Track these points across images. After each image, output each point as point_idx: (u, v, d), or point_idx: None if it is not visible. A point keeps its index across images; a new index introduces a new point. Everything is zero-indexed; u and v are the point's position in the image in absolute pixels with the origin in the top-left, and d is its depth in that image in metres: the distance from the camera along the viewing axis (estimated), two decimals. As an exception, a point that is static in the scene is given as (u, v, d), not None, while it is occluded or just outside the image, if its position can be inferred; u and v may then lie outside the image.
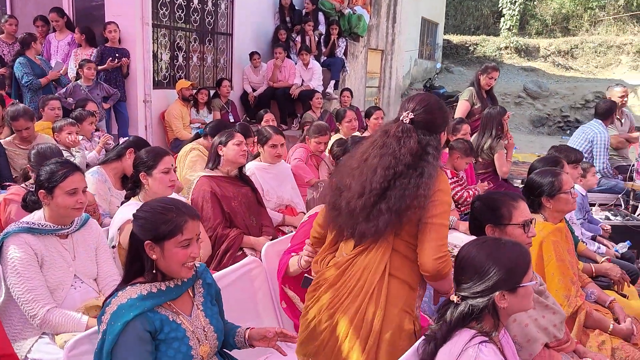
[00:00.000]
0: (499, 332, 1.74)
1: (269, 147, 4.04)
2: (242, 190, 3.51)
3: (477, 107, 5.84)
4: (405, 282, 2.03)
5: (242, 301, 2.65)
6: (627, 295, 3.27)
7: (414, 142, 1.97)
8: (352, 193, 2.00)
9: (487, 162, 5.18)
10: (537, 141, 13.11)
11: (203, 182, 3.36)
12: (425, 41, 18.53)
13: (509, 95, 16.12)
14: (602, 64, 19.01)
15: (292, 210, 4.17)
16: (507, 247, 1.80)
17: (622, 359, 2.53)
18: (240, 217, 3.41)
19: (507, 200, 2.22)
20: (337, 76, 9.29)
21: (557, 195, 2.71)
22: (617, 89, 6.31)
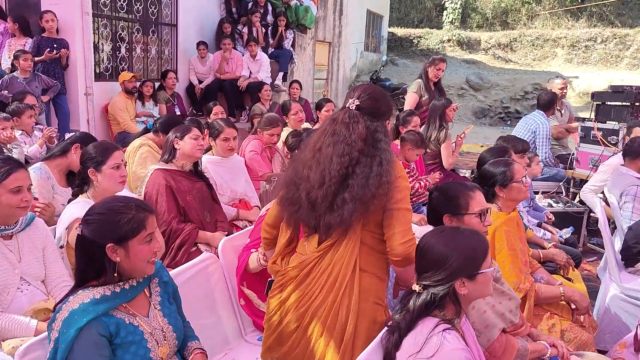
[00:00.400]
0: (460, 319, 1.78)
1: (221, 141, 3.97)
2: (196, 185, 3.43)
3: (425, 98, 5.94)
4: (375, 275, 2.05)
5: (199, 298, 2.59)
6: (572, 279, 3.41)
7: (362, 127, 1.99)
8: (312, 183, 1.99)
9: (435, 153, 5.28)
10: (480, 132, 13.51)
11: (157, 175, 3.27)
12: (371, 34, 18.71)
13: (452, 87, 16.51)
14: (540, 57, 19.76)
15: (246, 204, 4.12)
16: (465, 235, 1.84)
17: (570, 339, 2.64)
18: (195, 212, 3.34)
19: (464, 190, 2.27)
20: (285, 68, 9.25)
21: (509, 185, 2.78)
22: (557, 81, 6.57)
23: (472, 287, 1.77)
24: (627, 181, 4.08)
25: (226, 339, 2.71)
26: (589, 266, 4.99)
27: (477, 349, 1.82)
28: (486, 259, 1.81)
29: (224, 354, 2.62)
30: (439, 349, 1.61)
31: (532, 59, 19.78)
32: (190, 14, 8.77)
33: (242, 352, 2.67)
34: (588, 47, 19.28)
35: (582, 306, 2.77)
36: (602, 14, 21.20)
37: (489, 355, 2.05)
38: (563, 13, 21.33)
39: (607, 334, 3.48)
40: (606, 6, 20.96)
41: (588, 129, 5.57)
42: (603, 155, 5.19)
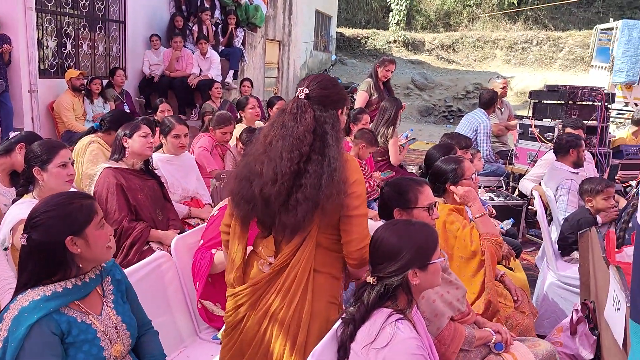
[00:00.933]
0: (412, 309, 1.81)
1: (172, 138, 3.88)
2: (148, 183, 3.34)
3: (375, 97, 6.02)
4: (329, 274, 2.03)
5: (152, 297, 2.53)
6: (514, 269, 3.53)
7: (309, 117, 1.91)
8: (265, 179, 1.90)
9: (383, 150, 5.34)
10: (425, 130, 13.79)
11: (107, 173, 3.16)
12: (320, 33, 18.76)
13: (399, 86, 16.78)
14: (480, 58, 20.35)
15: (197, 202, 4.05)
16: (417, 228, 1.88)
17: (513, 326, 2.74)
18: (147, 211, 3.26)
19: (413, 185, 2.31)
20: (236, 66, 9.14)
21: (460, 182, 2.84)
22: (498, 81, 6.78)
23: (424, 277, 1.80)
24: (561, 175, 4.26)
25: (181, 337, 2.65)
26: (528, 256, 5.18)
27: (427, 338, 1.86)
28: (436, 249, 1.85)
29: (179, 352, 2.57)
30: (392, 338, 1.63)
31: (473, 60, 20.34)
32: (138, 10, 8.53)
33: (197, 350, 2.63)
34: (525, 48, 20.00)
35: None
36: (537, 18, 22.02)
37: (439, 343, 2.09)
38: (501, 16, 22.03)
39: (545, 320, 3.63)
40: (541, 10, 21.79)
41: (526, 126, 5.78)
42: (540, 151, 5.39)
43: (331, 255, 2.04)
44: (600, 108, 5.38)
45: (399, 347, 1.62)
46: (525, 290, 3.24)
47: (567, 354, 2.95)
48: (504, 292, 2.94)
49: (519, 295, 2.99)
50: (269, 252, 2.03)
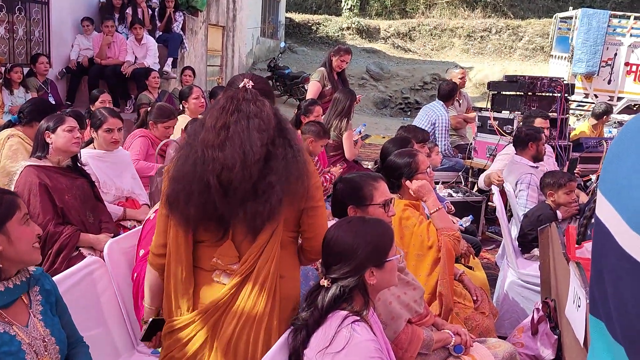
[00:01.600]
0: (368, 310, 1.84)
1: (104, 132, 3.78)
2: (76, 182, 3.24)
3: (328, 88, 6.01)
4: (293, 278, 2.02)
5: (84, 307, 2.46)
6: (473, 267, 3.64)
7: (267, 103, 1.90)
8: (227, 164, 1.77)
9: (337, 144, 5.38)
10: (382, 122, 13.97)
11: (29, 172, 3.04)
12: (268, 19, 18.67)
13: (353, 77, 16.90)
14: (438, 47, 20.77)
15: (133, 202, 3.97)
16: (371, 224, 1.91)
17: (473, 327, 2.82)
18: (75, 213, 3.16)
19: (368, 181, 2.34)
20: (175, 53, 8.99)
21: (415, 176, 2.89)
22: (456, 71, 6.95)
23: (381, 275, 1.84)
24: (521, 170, 4.41)
25: (116, 350, 2.60)
26: (488, 254, 5.34)
27: (384, 341, 1.89)
28: (392, 246, 1.89)
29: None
30: (348, 341, 1.66)
31: (431, 49, 20.74)
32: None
33: (137, 359, 2.59)
34: (483, 37, 20.55)
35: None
36: (496, 5, 22.65)
37: (396, 347, 2.14)
38: (459, 3, 22.54)
39: (506, 320, 3.75)
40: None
41: (485, 118, 5.95)
42: (499, 144, 5.56)
43: (293, 257, 2.04)
44: (560, 99, 5.59)
45: (356, 350, 1.65)
46: (485, 289, 3.35)
47: (528, 354, 3.07)
48: (463, 292, 3.03)
49: (478, 295, 3.08)
50: (230, 259, 1.90)
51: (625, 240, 0.99)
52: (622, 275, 1.01)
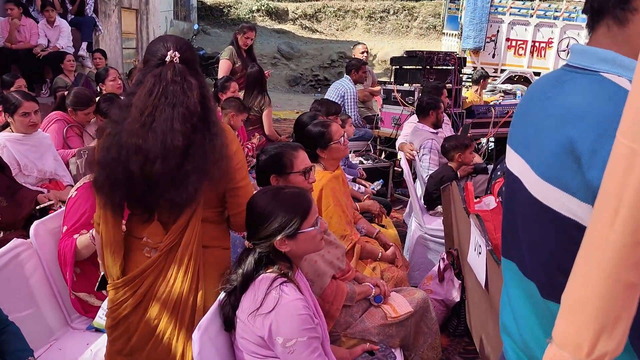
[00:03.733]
0: (294, 272, 1.82)
1: (20, 117, 3.50)
2: None
3: (238, 65, 5.92)
4: (220, 247, 1.96)
5: (12, 290, 2.29)
6: (385, 226, 3.73)
7: (195, 87, 1.75)
8: (149, 156, 1.68)
9: (255, 118, 5.31)
10: (295, 99, 13.92)
11: None
12: (180, 2, 17.92)
13: (265, 56, 16.67)
14: (342, 27, 20.85)
15: (57, 184, 3.73)
16: (286, 194, 1.84)
17: (389, 278, 2.90)
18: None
19: (288, 150, 2.30)
20: (89, 37, 8.44)
21: (329, 146, 2.88)
22: (359, 47, 7.00)
23: (294, 244, 1.78)
24: (423, 136, 4.54)
25: (49, 329, 2.45)
26: (397, 214, 5.50)
27: (311, 298, 1.89)
28: (308, 217, 1.80)
29: (49, 345, 2.37)
30: (278, 301, 1.64)
31: (336, 29, 20.79)
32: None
33: (69, 341, 2.44)
34: (383, 18, 20.84)
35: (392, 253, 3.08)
36: (392, -13, 22.98)
37: (322, 301, 2.15)
38: (360, -14, 22.65)
39: (416, 271, 3.90)
40: (395, -20, 22.75)
41: (389, 91, 6.06)
42: (402, 115, 5.69)
43: (219, 228, 1.97)
44: (454, 72, 5.78)
45: (286, 310, 1.64)
46: (397, 244, 3.44)
47: (437, 299, 3.20)
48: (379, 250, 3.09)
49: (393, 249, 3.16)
50: (158, 238, 1.85)
51: (534, 187, 1.04)
52: (532, 218, 1.06)
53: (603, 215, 0.58)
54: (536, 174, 1.02)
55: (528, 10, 11.62)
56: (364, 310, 2.36)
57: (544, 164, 1.00)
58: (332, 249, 2.31)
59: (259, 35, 18.88)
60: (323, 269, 2.20)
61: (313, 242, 1.83)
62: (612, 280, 0.58)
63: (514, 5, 11.61)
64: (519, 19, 11.54)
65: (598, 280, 0.59)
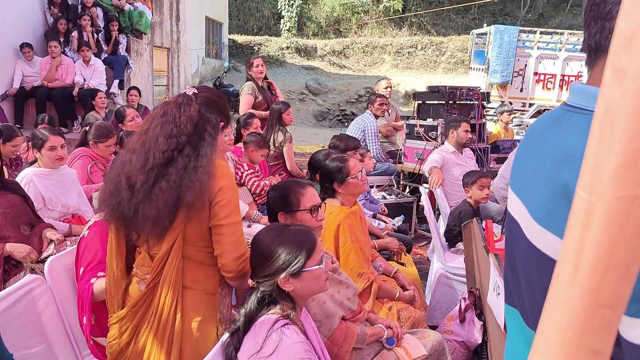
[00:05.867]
0: (298, 313, 1.77)
1: (47, 151, 3.58)
2: (5, 198, 3.01)
3: (260, 99, 5.92)
4: (202, 291, 1.90)
5: (25, 326, 2.29)
6: (405, 263, 3.64)
7: (194, 109, 1.80)
8: (134, 165, 1.76)
9: (277, 154, 5.33)
10: (321, 133, 13.99)
11: None
12: (212, 40, 18.44)
13: (293, 92, 16.90)
14: (370, 63, 21.08)
15: (80, 219, 3.77)
16: (291, 232, 1.80)
17: (406, 319, 2.81)
18: (8, 230, 2.95)
19: (295, 187, 2.27)
20: (121, 74, 8.71)
21: (346, 181, 2.84)
22: (382, 82, 7.02)
23: (298, 283, 1.73)
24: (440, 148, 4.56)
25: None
26: (420, 250, 5.39)
27: (318, 340, 1.83)
28: (312, 256, 1.75)
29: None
30: (278, 345, 1.58)
31: (364, 65, 21.02)
32: (5, 16, 7.84)
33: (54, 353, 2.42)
34: (410, 53, 21.01)
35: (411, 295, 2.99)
36: (420, 24, 23.23)
37: (331, 343, 2.08)
38: (388, 22, 22.98)
39: (437, 311, 3.77)
40: (423, 17, 23.02)
41: (412, 126, 6.02)
42: (426, 149, 5.63)
43: (205, 270, 1.91)
44: (478, 106, 5.72)
45: (286, 354, 1.58)
46: (417, 283, 3.35)
47: (457, 341, 3.08)
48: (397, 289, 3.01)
49: (412, 290, 3.07)
50: (146, 269, 1.88)
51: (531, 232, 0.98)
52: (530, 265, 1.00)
53: (563, 273, 0.53)
54: (532, 218, 0.96)
55: (556, 44, 11.53)
56: (376, 354, 2.27)
57: (540, 208, 0.94)
58: (342, 289, 2.25)
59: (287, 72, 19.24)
60: (332, 310, 2.13)
61: (318, 282, 1.78)
62: (575, 346, 0.52)
63: (542, 39, 11.55)
64: (547, 52, 11.46)
65: (562, 344, 0.53)
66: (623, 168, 0.45)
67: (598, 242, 0.48)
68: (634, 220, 0.46)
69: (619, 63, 0.44)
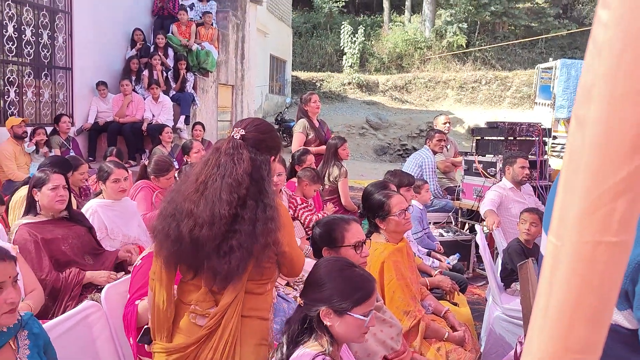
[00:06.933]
0: (336, 349, 1.77)
1: (112, 183, 3.80)
2: (73, 230, 3.21)
3: (312, 136, 5.97)
4: (257, 317, 1.96)
5: (80, 350, 2.42)
6: (458, 304, 3.55)
7: (247, 160, 1.85)
8: (199, 222, 1.80)
9: (332, 189, 5.39)
10: (381, 168, 13.97)
11: (22, 231, 2.98)
12: (275, 77, 19.03)
13: (354, 127, 17.05)
14: (432, 97, 20.98)
15: (140, 249, 3.95)
16: (353, 272, 1.81)
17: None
18: (74, 259, 3.13)
19: (340, 223, 2.29)
20: (187, 111, 9.13)
21: (387, 218, 2.83)
22: (440, 117, 6.98)
23: (338, 322, 1.73)
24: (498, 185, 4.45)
25: (111, 391, 2.53)
26: (478, 290, 5.23)
27: (356, 378, 1.82)
28: (362, 304, 1.74)
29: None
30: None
31: (426, 100, 20.95)
32: (86, 57, 8.48)
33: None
34: (474, 88, 20.76)
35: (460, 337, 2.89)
36: (485, 59, 22.97)
37: (371, 383, 2.06)
38: (451, 57, 22.89)
39: (492, 354, 3.63)
40: (488, 51, 22.76)
41: (470, 162, 5.93)
42: (484, 186, 5.52)
43: (260, 299, 1.98)
44: (539, 143, 5.58)
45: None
46: (470, 325, 3.25)
47: (512, 387, 2.95)
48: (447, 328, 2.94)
49: (463, 331, 2.99)
50: (208, 304, 1.92)
51: None
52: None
53: (535, 317, 0.52)
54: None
55: (628, 78, 11.09)
56: (420, 395, 2.22)
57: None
58: (385, 328, 2.23)
59: (348, 107, 19.48)
60: (374, 349, 2.12)
61: (356, 331, 1.76)
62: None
63: (612, 73, 11.14)
64: (617, 87, 11.03)
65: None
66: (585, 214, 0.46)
67: (564, 287, 0.49)
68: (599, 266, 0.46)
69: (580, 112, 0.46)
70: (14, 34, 7.28)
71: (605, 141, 0.42)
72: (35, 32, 7.64)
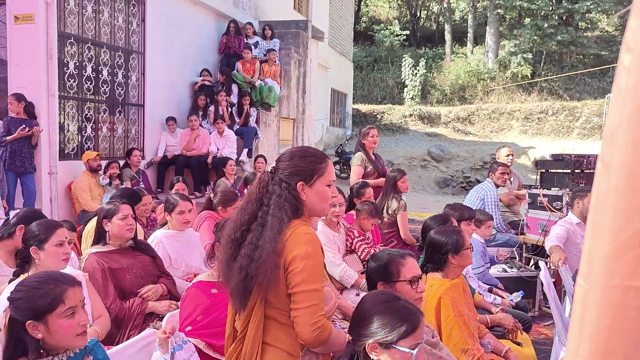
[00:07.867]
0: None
1: (177, 214, 3.96)
2: (138, 259, 3.36)
3: (370, 169, 5.98)
4: (283, 350, 1.94)
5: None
6: (521, 343, 3.40)
7: (262, 187, 2.00)
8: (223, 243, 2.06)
9: (391, 222, 5.35)
10: (443, 201, 13.72)
11: (91, 260, 3.17)
12: (336, 110, 19.27)
13: (415, 159, 16.92)
14: (496, 129, 20.53)
15: (189, 279, 4.06)
16: (398, 305, 1.80)
17: (515, 404, 2.61)
18: (137, 288, 3.26)
19: (395, 258, 2.28)
20: (249, 144, 9.40)
21: (461, 252, 2.82)
22: (503, 150, 6.82)
23: (385, 355, 1.72)
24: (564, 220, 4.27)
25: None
26: (546, 330, 4.98)
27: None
28: (408, 337, 1.72)
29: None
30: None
31: (490, 131, 20.53)
32: (157, 94, 8.96)
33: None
34: (541, 119, 20.16)
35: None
36: (551, 89, 22.34)
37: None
38: (516, 88, 22.42)
39: (559, 397, 3.44)
40: (554, 81, 22.13)
41: (535, 195, 5.73)
42: (550, 220, 5.31)
43: (286, 330, 1.94)
44: (608, 175, 5.32)
45: None
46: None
47: None
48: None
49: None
50: (240, 327, 2.04)
51: None
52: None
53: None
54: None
55: None
56: None
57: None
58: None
59: (410, 139, 19.38)
60: (429, 386, 2.07)
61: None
62: None
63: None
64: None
65: None
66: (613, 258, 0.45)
67: (593, 331, 0.48)
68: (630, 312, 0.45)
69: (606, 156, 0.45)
70: (92, 74, 7.80)
71: (631, 184, 0.42)
72: (111, 71, 8.17)
